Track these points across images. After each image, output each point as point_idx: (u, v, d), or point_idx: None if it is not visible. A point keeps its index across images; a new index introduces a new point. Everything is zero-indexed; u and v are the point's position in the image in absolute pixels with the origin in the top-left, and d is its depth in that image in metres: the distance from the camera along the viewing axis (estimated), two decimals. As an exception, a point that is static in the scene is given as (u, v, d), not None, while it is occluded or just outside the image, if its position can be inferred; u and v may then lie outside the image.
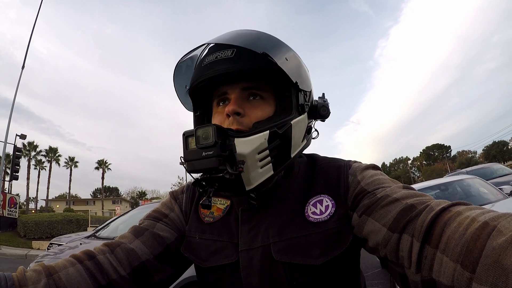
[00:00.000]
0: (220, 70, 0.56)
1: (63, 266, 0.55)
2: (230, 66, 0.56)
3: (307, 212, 0.58)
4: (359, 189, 0.56)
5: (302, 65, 0.63)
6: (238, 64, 0.56)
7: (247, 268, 0.57)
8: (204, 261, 0.62)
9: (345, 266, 0.57)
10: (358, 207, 0.54)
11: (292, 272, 0.55)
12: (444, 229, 0.40)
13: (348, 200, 0.57)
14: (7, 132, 13.41)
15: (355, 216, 0.54)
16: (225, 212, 0.65)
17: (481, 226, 0.36)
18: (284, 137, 0.56)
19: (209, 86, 0.62)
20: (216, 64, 0.57)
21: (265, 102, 0.60)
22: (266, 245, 0.57)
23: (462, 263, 0.36)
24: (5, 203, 13.89)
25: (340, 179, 0.60)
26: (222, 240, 0.62)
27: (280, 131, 0.55)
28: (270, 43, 0.57)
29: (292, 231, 0.57)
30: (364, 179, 0.57)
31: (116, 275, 0.58)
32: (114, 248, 0.61)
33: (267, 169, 0.55)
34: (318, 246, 0.54)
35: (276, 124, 0.55)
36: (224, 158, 0.51)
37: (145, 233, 0.64)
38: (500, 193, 3.82)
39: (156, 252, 0.62)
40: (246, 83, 0.59)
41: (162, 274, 0.63)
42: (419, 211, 0.45)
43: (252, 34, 0.58)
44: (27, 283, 0.50)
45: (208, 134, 0.51)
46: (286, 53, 0.58)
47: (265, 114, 0.58)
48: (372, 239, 0.50)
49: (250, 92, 0.59)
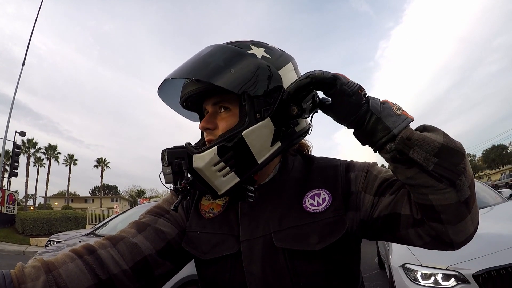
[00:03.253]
0: (189, 93, 0.63)
1: (62, 262, 0.55)
2: (194, 88, 0.62)
3: (305, 203, 0.62)
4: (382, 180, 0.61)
5: (261, 68, 0.60)
6: (200, 86, 0.61)
7: (248, 257, 0.60)
8: (205, 254, 0.64)
9: (343, 254, 0.60)
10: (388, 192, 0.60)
11: (293, 260, 0.58)
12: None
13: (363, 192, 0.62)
14: (6, 129, 13.42)
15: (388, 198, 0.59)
16: (224, 207, 0.68)
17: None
18: (238, 148, 0.58)
19: (194, 101, 0.68)
20: (186, 87, 0.64)
21: (231, 113, 0.62)
22: (268, 235, 0.60)
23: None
24: (4, 199, 13.86)
25: (338, 176, 0.64)
26: (222, 233, 0.64)
27: (229, 144, 0.58)
28: (215, 64, 0.59)
29: (291, 221, 0.60)
30: (381, 172, 0.63)
31: (117, 270, 0.59)
32: (117, 242, 0.62)
33: (231, 177, 0.60)
34: (316, 234, 0.58)
35: (225, 139, 0.58)
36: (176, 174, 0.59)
37: (148, 228, 0.66)
38: (499, 196, 3.82)
39: (158, 247, 0.64)
40: (216, 98, 0.64)
41: (162, 269, 0.65)
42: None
43: (199, 62, 0.61)
44: (26, 280, 0.50)
45: (164, 158, 0.61)
46: (236, 64, 0.59)
47: (230, 124, 0.61)
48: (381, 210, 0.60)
49: (220, 106, 0.63)
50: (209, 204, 0.70)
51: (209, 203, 0.70)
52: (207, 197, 0.71)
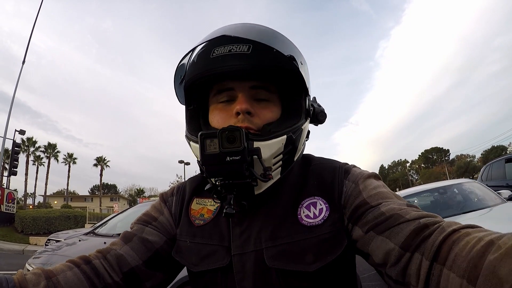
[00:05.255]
0: (235, 66, 0.54)
1: (61, 270, 0.56)
2: (246, 63, 0.53)
3: (300, 215, 0.57)
4: (360, 201, 0.54)
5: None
6: (255, 62, 0.54)
7: (240, 272, 0.56)
8: (195, 265, 0.61)
9: (340, 271, 0.56)
10: (361, 222, 0.52)
11: (286, 278, 0.54)
12: (452, 247, 0.41)
13: (346, 208, 0.56)
14: (6, 128, 13.39)
15: (358, 231, 0.53)
16: (215, 213, 0.64)
17: (486, 243, 0.37)
18: (296, 142, 0.56)
19: (212, 79, 0.59)
20: (230, 58, 0.54)
21: (271, 103, 0.59)
22: (259, 250, 0.56)
23: (468, 278, 0.36)
24: (3, 198, 13.84)
25: (335, 183, 0.58)
26: (212, 243, 0.60)
27: (294, 136, 0.55)
28: (289, 45, 0.58)
29: (285, 236, 0.55)
30: (366, 190, 0.55)
31: (111, 280, 0.59)
32: (106, 254, 0.62)
33: (276, 174, 0.55)
34: (311, 252, 0.53)
35: (292, 129, 0.55)
36: (247, 163, 0.49)
37: (134, 238, 0.64)
38: (498, 197, 3.82)
39: (144, 257, 0.62)
40: (256, 82, 0.57)
41: (153, 281, 0.63)
42: (431, 231, 0.45)
43: (269, 32, 0.56)
44: (27, 285, 0.51)
45: (235, 138, 0.48)
46: (300, 57, 0.59)
47: (273, 116, 0.58)
48: (379, 256, 0.49)
49: (257, 92, 0.58)
50: (200, 209, 0.66)
51: (199, 208, 0.66)
52: (198, 200, 0.67)
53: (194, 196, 0.68)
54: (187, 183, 0.72)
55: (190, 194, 0.69)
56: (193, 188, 0.70)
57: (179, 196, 0.70)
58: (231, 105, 0.59)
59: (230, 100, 0.59)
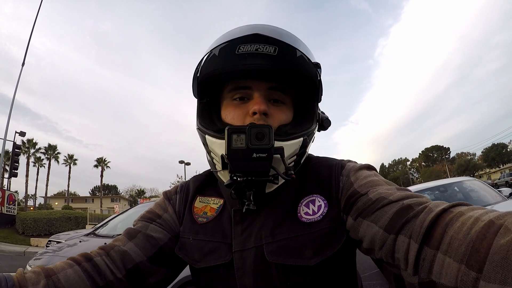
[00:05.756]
0: (262, 66, 0.54)
1: (61, 268, 0.56)
2: (272, 64, 0.54)
3: (299, 213, 0.58)
4: (351, 191, 0.55)
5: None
6: (279, 64, 0.54)
7: (240, 269, 0.57)
8: (198, 262, 0.61)
9: (339, 266, 0.56)
10: (352, 211, 0.53)
11: (286, 273, 0.54)
12: (446, 230, 0.39)
13: (341, 202, 0.56)
14: (6, 129, 13.40)
15: (350, 220, 0.53)
16: (218, 211, 0.65)
17: (486, 224, 0.35)
18: (307, 146, 0.58)
19: (232, 75, 0.59)
20: (256, 57, 0.54)
21: (285, 106, 0.61)
22: (259, 246, 0.57)
23: (468, 263, 0.34)
24: (4, 200, 13.86)
25: (332, 179, 0.59)
26: (215, 240, 0.61)
27: (308, 139, 0.57)
28: (310, 51, 0.60)
29: (284, 232, 0.56)
30: (357, 181, 0.56)
31: (113, 277, 0.59)
32: (109, 251, 0.62)
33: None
34: (310, 247, 0.54)
35: (307, 133, 0.57)
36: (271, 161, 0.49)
37: (138, 235, 0.64)
38: (499, 195, 3.83)
39: (149, 253, 0.62)
40: (274, 83, 0.58)
41: (157, 276, 0.63)
42: (416, 212, 0.44)
43: (294, 37, 0.58)
44: (27, 284, 0.50)
45: (263, 135, 0.49)
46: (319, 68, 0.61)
47: (287, 118, 0.60)
48: (367, 241, 0.49)
49: (273, 93, 0.59)
50: (203, 207, 0.67)
51: (202, 206, 0.67)
52: (201, 199, 0.69)
53: (197, 194, 0.70)
54: (190, 181, 0.73)
55: (194, 192, 0.70)
56: (197, 186, 0.71)
57: (183, 194, 0.71)
58: (246, 104, 0.59)
59: (245, 98, 0.60)
